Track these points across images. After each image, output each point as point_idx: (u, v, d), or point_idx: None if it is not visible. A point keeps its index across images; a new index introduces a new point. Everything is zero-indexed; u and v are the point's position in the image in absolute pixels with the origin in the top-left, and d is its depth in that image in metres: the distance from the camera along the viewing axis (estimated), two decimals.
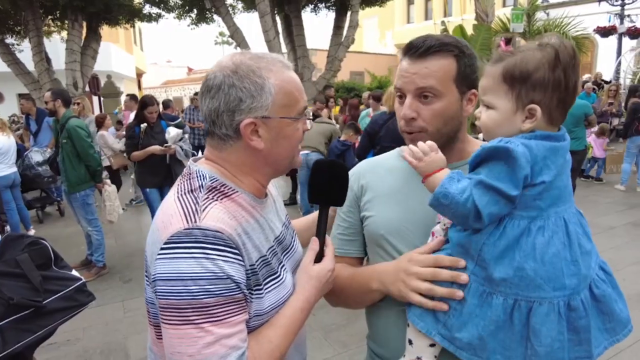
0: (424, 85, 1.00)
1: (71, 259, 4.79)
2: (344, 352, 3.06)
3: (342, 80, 16.10)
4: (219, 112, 0.92)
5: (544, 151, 0.85)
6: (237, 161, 0.97)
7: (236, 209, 0.93)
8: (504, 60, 0.89)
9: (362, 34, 28.15)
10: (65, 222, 6.64)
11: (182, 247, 0.83)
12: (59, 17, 11.98)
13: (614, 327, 0.89)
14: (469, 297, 0.87)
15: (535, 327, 0.82)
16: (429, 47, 1.00)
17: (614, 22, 15.57)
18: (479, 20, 13.66)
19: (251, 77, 0.91)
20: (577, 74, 0.88)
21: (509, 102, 0.89)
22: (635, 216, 6.01)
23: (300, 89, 0.98)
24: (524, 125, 0.88)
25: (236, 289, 0.86)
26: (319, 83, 12.24)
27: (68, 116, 4.39)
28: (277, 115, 0.93)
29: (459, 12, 23.63)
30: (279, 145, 0.96)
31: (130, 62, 23.58)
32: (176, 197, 0.92)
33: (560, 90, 0.86)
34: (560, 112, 0.88)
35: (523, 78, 0.86)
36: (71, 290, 1.84)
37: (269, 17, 10.92)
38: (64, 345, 3.29)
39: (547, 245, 0.83)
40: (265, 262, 0.96)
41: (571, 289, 0.84)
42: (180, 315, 0.81)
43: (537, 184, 0.84)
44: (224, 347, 0.82)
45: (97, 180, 4.48)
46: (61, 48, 11.67)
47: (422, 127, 1.03)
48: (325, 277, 1.01)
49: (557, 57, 0.85)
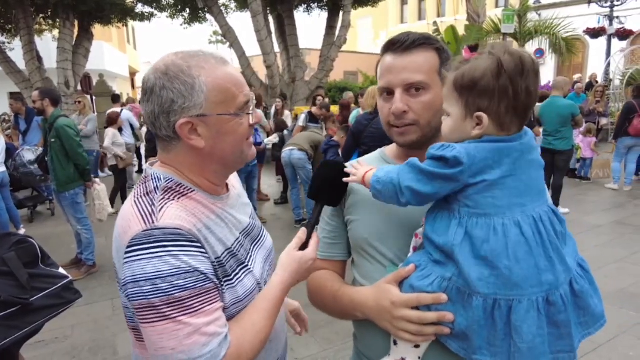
0: (414, 81, 1.03)
1: (61, 258, 4.79)
2: (330, 348, 3.11)
3: (335, 80, 16.12)
4: (156, 115, 0.94)
5: (485, 152, 0.88)
6: (185, 161, 0.99)
7: (195, 206, 0.96)
8: (458, 69, 0.92)
9: (356, 34, 28.20)
10: (56, 221, 6.63)
11: (144, 248, 0.85)
12: (51, 15, 11.92)
13: (588, 321, 0.92)
14: (453, 298, 0.89)
15: (517, 325, 0.84)
16: (414, 41, 1.03)
17: (604, 24, 15.73)
18: (470, 20, 13.75)
19: (180, 77, 0.91)
20: (530, 80, 0.88)
21: (459, 110, 0.92)
22: (620, 215, 6.11)
23: (238, 84, 0.97)
24: (473, 132, 0.91)
25: (205, 280, 0.89)
26: (311, 83, 12.26)
27: (56, 115, 4.39)
28: (214, 112, 0.93)
29: (452, 12, 23.73)
30: (222, 142, 0.97)
31: (124, 61, 23.46)
32: (133, 201, 0.94)
33: (508, 97, 0.87)
34: (512, 119, 0.90)
35: (470, 86, 0.89)
36: (58, 288, 1.86)
37: (261, 17, 10.93)
38: (52, 342, 3.31)
39: (519, 243, 0.86)
40: (231, 254, 1.00)
41: (548, 284, 0.86)
42: (156, 313, 0.84)
43: (477, 182, 0.88)
44: (204, 335, 0.85)
45: (86, 180, 4.49)
46: (53, 47, 11.61)
47: (413, 120, 1.05)
48: (306, 264, 1.06)
49: (500, 66, 0.86)
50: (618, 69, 14.25)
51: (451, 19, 21.44)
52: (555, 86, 6.35)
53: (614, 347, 3.02)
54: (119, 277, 0.92)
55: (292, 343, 3.18)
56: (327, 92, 13.68)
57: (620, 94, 13.44)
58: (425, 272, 0.93)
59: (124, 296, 0.92)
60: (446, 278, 0.90)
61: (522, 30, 15.59)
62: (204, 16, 13.51)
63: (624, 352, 2.97)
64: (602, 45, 15.92)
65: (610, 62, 14.31)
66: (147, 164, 1.04)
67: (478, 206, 0.89)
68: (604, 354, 2.95)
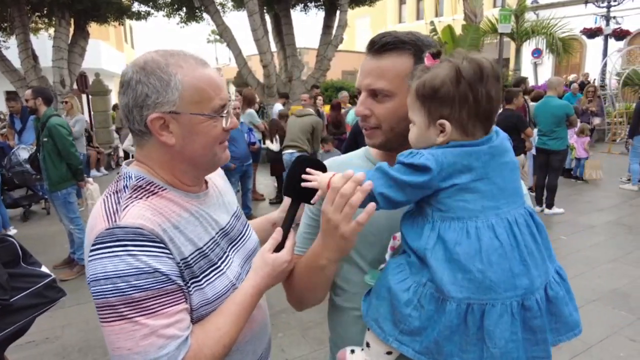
0: (375, 87, 1.01)
1: (55, 257, 4.79)
2: (321, 349, 3.10)
3: (331, 80, 16.11)
4: (130, 108, 0.95)
5: (452, 157, 0.87)
6: (156, 158, 0.99)
7: (165, 204, 0.95)
8: (420, 77, 0.91)
9: (354, 33, 28.21)
10: (51, 220, 6.61)
11: (105, 246, 0.85)
12: (46, 13, 11.87)
13: (559, 328, 0.91)
14: (426, 303, 0.87)
15: (489, 329, 0.83)
16: (385, 44, 0.99)
17: (600, 24, 15.77)
18: (467, 20, 13.77)
19: (157, 73, 0.92)
20: (490, 86, 0.88)
21: (422, 118, 0.92)
22: (615, 215, 6.12)
23: (215, 87, 0.97)
24: (438, 139, 0.91)
25: (167, 281, 0.88)
26: (308, 82, 12.25)
27: (49, 114, 4.38)
28: (187, 111, 0.94)
29: (449, 12, 23.76)
30: (192, 142, 0.96)
31: (121, 60, 23.38)
32: (102, 199, 0.95)
33: (469, 104, 0.88)
34: (475, 125, 0.90)
35: (431, 95, 0.89)
36: (40, 287, 1.85)
37: (257, 16, 10.91)
38: (42, 343, 3.30)
39: (492, 247, 0.85)
40: (202, 254, 0.98)
41: (523, 288, 0.84)
42: (114, 312, 0.84)
43: (447, 187, 0.87)
44: (161, 337, 0.84)
45: (78, 179, 4.48)
46: (48, 45, 11.56)
47: (375, 124, 1.04)
48: (280, 266, 1.02)
49: (459, 73, 0.87)
50: (615, 69, 14.27)
51: (449, 18, 21.48)
52: (549, 86, 6.36)
53: (605, 347, 3.02)
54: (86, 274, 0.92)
55: (283, 343, 3.17)
56: (324, 92, 13.67)
57: (617, 94, 13.48)
58: (402, 275, 0.92)
59: None
60: (421, 284, 0.89)
61: (519, 30, 15.61)
62: (201, 15, 13.49)
63: (615, 353, 2.97)
64: (599, 45, 15.96)
65: (607, 62, 14.33)
66: (124, 163, 1.04)
67: (450, 210, 0.88)
68: (595, 354, 2.94)
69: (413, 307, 0.88)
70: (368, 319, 0.96)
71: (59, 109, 8.99)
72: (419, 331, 0.88)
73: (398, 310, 0.90)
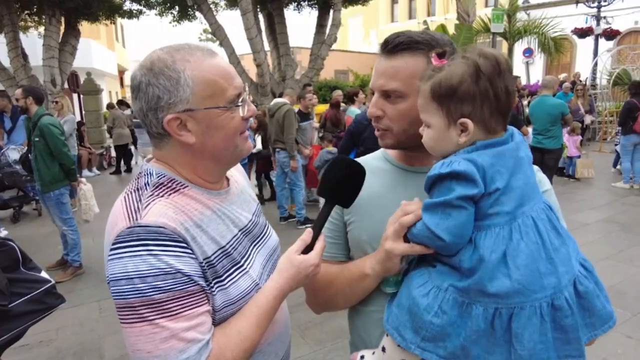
0: (388, 88, 0.99)
1: (48, 259, 4.72)
2: (320, 349, 3.08)
3: (325, 79, 16.10)
4: (145, 112, 0.92)
5: (489, 159, 0.84)
6: (177, 158, 0.96)
7: (187, 202, 0.93)
8: (432, 78, 0.88)
9: (346, 32, 28.23)
10: (42, 221, 6.53)
11: (126, 246, 0.83)
12: (36, 12, 11.71)
13: (594, 322, 0.89)
14: (449, 309, 0.85)
15: (517, 332, 0.82)
16: (398, 44, 0.97)
17: (591, 24, 15.92)
18: (460, 20, 13.82)
19: (165, 72, 0.89)
20: (507, 80, 0.86)
21: (440, 119, 0.89)
22: (607, 213, 6.17)
23: (227, 76, 0.94)
24: (460, 140, 0.88)
25: (189, 282, 0.85)
26: (301, 81, 12.21)
27: (40, 114, 4.31)
28: (202, 106, 0.91)
29: (442, 11, 23.85)
30: (212, 137, 0.94)
31: (112, 59, 23.17)
32: (122, 197, 0.92)
33: (490, 99, 0.85)
34: (497, 120, 0.88)
35: (449, 94, 0.86)
36: (40, 293, 1.81)
37: (250, 15, 10.85)
38: (36, 346, 3.24)
39: (518, 248, 0.82)
40: (225, 253, 0.96)
41: (552, 288, 0.82)
42: (134, 313, 0.82)
43: (491, 192, 0.84)
44: (182, 341, 0.82)
45: (71, 179, 4.41)
46: (39, 44, 11.40)
47: (387, 126, 1.02)
48: (306, 269, 0.96)
49: (478, 69, 0.84)
50: (605, 68, 14.42)
51: (441, 18, 21.56)
52: (544, 85, 6.38)
53: (601, 344, 3.04)
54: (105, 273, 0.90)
55: None
56: (318, 91, 13.65)
57: (607, 94, 13.62)
58: (422, 279, 0.91)
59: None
60: (442, 288, 0.86)
61: (511, 29, 15.71)
62: (193, 14, 13.39)
63: (612, 350, 2.99)
64: (590, 45, 16.12)
65: (597, 61, 14.48)
66: (144, 160, 1.02)
67: (485, 217, 0.85)
68: (591, 351, 2.95)
69: (434, 314, 0.86)
70: (389, 327, 0.94)
71: (50, 109, 8.87)
72: (442, 337, 0.86)
73: (418, 316, 0.87)
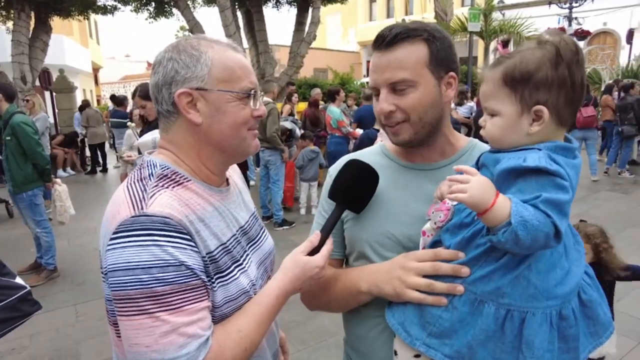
0: (396, 80, 0.97)
1: (20, 263, 4.55)
2: (304, 349, 3.06)
3: (305, 77, 16.06)
4: (160, 87, 0.94)
5: (570, 169, 0.80)
6: (182, 141, 0.96)
7: (190, 196, 0.92)
8: (502, 63, 0.84)
9: (325, 30, 28.21)
10: (14, 223, 6.30)
11: (130, 235, 0.80)
12: (4, 6, 11.31)
13: (598, 331, 0.89)
14: (460, 304, 0.84)
15: (529, 339, 0.80)
16: (396, 35, 0.96)
17: (563, 24, 16.35)
18: (438, 19, 14.01)
19: (188, 50, 0.93)
20: (583, 70, 0.83)
21: (512, 106, 0.83)
22: (581, 208, 6.31)
23: (245, 69, 0.96)
24: (531, 129, 0.83)
25: (192, 276, 0.83)
26: (281, 79, 12.16)
27: (12, 112, 4.15)
28: (215, 88, 0.92)
29: (420, 10, 24.08)
30: (220, 122, 0.94)
31: (86, 56, 22.57)
32: (125, 186, 0.90)
33: (567, 88, 0.81)
34: (569, 112, 0.84)
35: (525, 79, 0.81)
36: (14, 300, 1.72)
37: (229, 12, 10.73)
38: (8, 354, 3.11)
39: (543, 253, 0.81)
40: (226, 250, 0.95)
41: (563, 297, 0.82)
42: (134, 305, 0.79)
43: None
44: (182, 335, 0.80)
45: (46, 180, 4.26)
46: (7, 39, 11.02)
47: (403, 117, 0.99)
48: (311, 271, 0.96)
49: (559, 54, 0.80)
50: None
51: (419, 16, 21.75)
52: None
53: None
54: (102, 264, 0.87)
55: None
56: (298, 89, 13.61)
57: None
58: None
59: (106, 286, 0.87)
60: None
61: (487, 28, 16.00)
62: (170, 10, 13.17)
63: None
64: None
65: None
66: (146, 152, 1.01)
67: None
68: None
69: (444, 308, 0.85)
70: (394, 322, 0.93)
71: (21, 107, 8.58)
72: (449, 334, 0.85)
73: (427, 309, 0.86)
